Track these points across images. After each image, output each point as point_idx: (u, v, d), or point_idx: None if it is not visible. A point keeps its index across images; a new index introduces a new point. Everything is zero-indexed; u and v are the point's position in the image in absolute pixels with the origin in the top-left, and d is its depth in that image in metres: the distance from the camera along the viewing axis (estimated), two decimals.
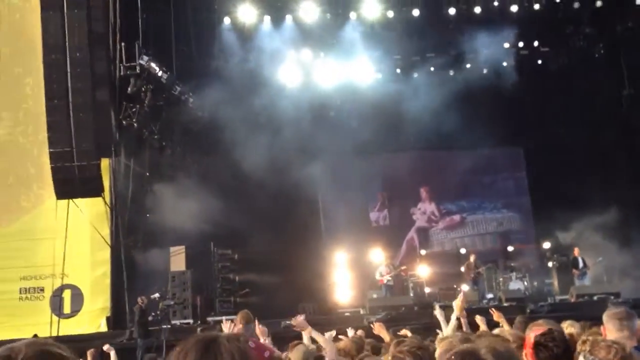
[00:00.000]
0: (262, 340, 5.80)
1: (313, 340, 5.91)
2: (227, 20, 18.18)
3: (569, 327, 5.05)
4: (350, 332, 7.53)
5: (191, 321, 14.97)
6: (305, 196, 19.00)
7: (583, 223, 16.79)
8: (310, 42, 18.99)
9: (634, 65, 19.41)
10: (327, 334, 6.73)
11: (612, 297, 13.94)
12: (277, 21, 18.33)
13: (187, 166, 17.03)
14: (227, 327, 6.42)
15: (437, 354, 2.68)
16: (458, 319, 4.98)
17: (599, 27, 20.00)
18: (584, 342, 2.98)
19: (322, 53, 19.42)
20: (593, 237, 16.54)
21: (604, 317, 3.84)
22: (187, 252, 16.32)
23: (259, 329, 5.79)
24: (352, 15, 18.52)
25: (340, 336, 6.81)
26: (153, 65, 15.37)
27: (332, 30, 18.73)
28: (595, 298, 14.62)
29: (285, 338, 7.17)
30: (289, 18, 18.31)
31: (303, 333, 7.07)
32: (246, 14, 18.05)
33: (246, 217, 16.14)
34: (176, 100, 16.91)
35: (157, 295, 13.90)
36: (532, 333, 3.23)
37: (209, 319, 15.58)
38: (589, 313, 10.70)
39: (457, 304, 5.01)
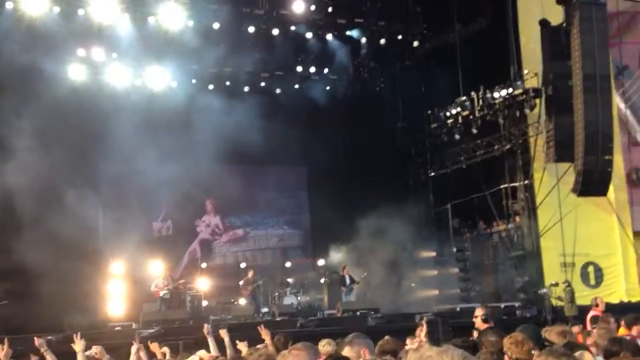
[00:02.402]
0: None
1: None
2: (9, 5, 16.45)
3: (325, 346, 5.43)
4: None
5: None
6: (84, 201, 17.86)
7: (353, 243, 18.15)
8: (102, 40, 18.02)
9: (408, 100, 21.59)
10: (94, 348, 6.53)
11: (372, 313, 15.18)
12: (67, 14, 17.03)
13: None
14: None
15: None
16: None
17: (381, 62, 21.95)
18: None
19: (114, 54, 18.56)
20: (361, 256, 17.95)
21: None
22: None
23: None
24: (151, 19, 17.94)
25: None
26: None
27: (128, 32, 17.94)
28: (358, 313, 15.77)
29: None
30: (80, 12, 17.13)
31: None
32: (32, 3, 16.44)
33: (11, 219, 14.68)
34: None
35: None
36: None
37: None
38: (351, 327, 11.62)
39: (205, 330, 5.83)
